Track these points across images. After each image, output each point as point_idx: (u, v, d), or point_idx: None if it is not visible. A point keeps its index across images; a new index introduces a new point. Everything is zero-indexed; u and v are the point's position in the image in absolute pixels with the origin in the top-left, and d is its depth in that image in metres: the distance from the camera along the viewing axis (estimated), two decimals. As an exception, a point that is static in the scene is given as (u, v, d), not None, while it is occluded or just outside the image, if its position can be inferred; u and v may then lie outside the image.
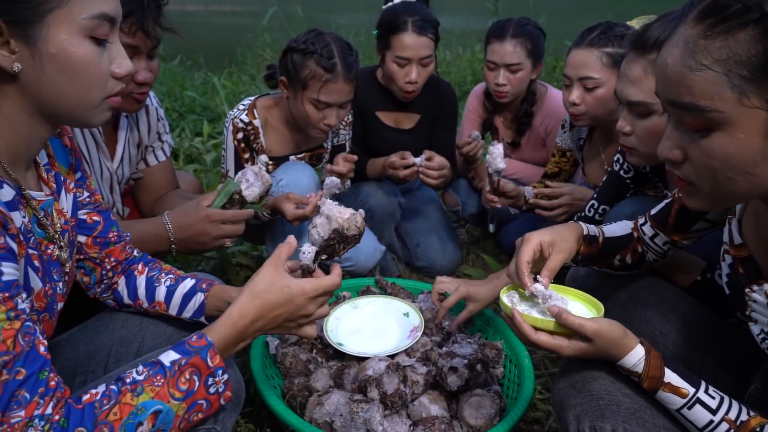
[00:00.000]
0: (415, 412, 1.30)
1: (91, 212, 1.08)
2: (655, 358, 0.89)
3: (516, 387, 1.38)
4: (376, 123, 2.22)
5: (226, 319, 0.90)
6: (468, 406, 1.28)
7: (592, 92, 1.73)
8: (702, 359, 1.12)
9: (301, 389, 1.35)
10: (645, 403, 0.90)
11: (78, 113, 0.84)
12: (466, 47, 6.05)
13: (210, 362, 0.86)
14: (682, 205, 1.12)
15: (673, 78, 0.75)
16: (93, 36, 0.81)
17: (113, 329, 1.15)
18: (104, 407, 0.78)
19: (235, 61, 5.39)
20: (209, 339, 0.87)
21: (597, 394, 0.91)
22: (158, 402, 0.81)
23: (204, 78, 4.75)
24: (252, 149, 1.86)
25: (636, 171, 1.60)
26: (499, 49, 2.14)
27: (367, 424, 1.20)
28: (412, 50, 1.98)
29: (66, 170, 1.02)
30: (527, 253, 1.04)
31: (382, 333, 1.51)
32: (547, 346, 0.92)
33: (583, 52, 1.73)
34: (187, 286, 1.13)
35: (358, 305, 1.60)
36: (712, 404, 0.86)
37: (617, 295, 1.23)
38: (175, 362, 0.84)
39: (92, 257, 1.10)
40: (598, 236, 1.17)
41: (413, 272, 2.30)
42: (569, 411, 0.93)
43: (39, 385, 0.74)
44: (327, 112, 1.75)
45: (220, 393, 0.88)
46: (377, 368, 1.30)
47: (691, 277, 1.26)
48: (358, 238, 1.04)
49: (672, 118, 0.80)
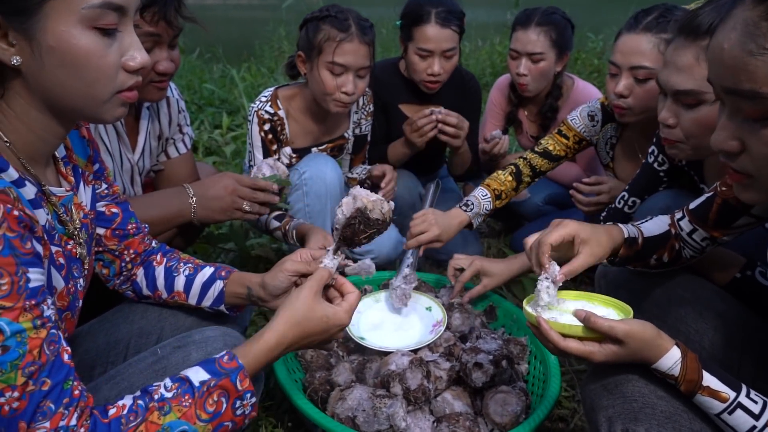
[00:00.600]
0: (439, 408, 1.27)
1: (110, 204, 1.07)
2: (692, 361, 0.84)
3: (541, 384, 1.35)
4: (399, 116, 2.18)
5: (262, 344, 0.89)
6: (493, 403, 1.25)
7: (644, 84, 1.55)
8: (740, 359, 1.08)
9: (322, 383, 1.33)
10: (681, 406, 0.86)
11: (86, 109, 0.79)
12: (486, 39, 5.98)
13: (239, 386, 0.84)
14: (725, 199, 1.07)
15: (731, 63, 0.70)
16: (98, 26, 0.75)
17: (132, 320, 1.14)
18: (130, 424, 0.77)
19: (253, 54, 5.39)
20: (240, 362, 0.85)
21: (630, 396, 0.87)
22: (184, 423, 0.79)
23: (223, 71, 4.76)
24: (279, 140, 1.85)
25: (671, 164, 1.54)
26: (523, 36, 2.08)
27: (390, 419, 1.18)
28: (435, 42, 1.94)
29: (84, 162, 1.00)
30: (556, 237, 0.99)
31: (405, 327, 1.49)
32: (577, 353, 0.88)
33: (636, 37, 1.53)
34: (206, 274, 1.12)
35: (380, 299, 1.58)
36: (755, 409, 0.81)
37: (651, 292, 1.18)
38: (204, 383, 0.82)
39: (111, 249, 1.09)
40: (637, 237, 1.11)
41: (433, 266, 2.27)
42: (600, 413, 0.89)
43: (64, 395, 0.73)
44: (344, 79, 1.71)
45: (246, 415, 0.87)
46: (400, 363, 1.28)
47: (729, 275, 1.20)
48: (381, 224, 0.99)
49: (728, 107, 0.75)
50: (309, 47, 1.73)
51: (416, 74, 2.03)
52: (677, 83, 1.19)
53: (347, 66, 1.70)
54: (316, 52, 1.71)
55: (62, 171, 0.92)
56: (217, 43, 5.21)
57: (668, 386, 0.87)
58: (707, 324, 1.10)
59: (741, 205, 1.05)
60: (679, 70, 1.18)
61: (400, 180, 2.20)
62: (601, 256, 1.04)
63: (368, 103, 2.02)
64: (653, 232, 1.13)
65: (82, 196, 0.97)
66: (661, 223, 1.16)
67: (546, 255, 0.97)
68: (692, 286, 1.16)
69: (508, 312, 1.58)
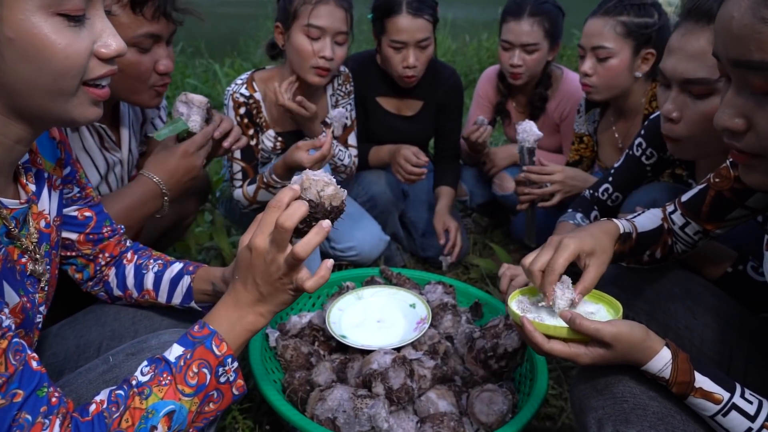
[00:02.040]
0: (423, 407, 1.23)
1: (83, 208, 1.02)
2: (683, 362, 0.81)
3: (528, 382, 1.31)
4: (377, 109, 2.14)
5: (222, 300, 0.84)
6: (479, 402, 1.21)
7: (605, 63, 1.69)
8: (731, 354, 1.05)
9: (302, 384, 1.28)
10: (674, 407, 0.82)
11: (54, 107, 0.72)
12: (473, 36, 5.95)
13: (217, 351, 0.79)
14: (718, 191, 1.03)
15: (741, 33, 0.65)
16: (62, 12, 0.68)
17: (105, 322, 1.09)
18: (114, 415, 0.72)
19: (238, 50, 5.32)
20: (212, 327, 0.81)
21: (621, 397, 0.84)
22: (169, 402, 0.75)
23: (206, 66, 4.68)
24: (256, 124, 1.80)
25: (659, 158, 1.51)
26: (515, 28, 2.03)
27: (371, 420, 1.14)
28: (408, 33, 1.88)
29: (52, 166, 0.93)
30: (561, 264, 0.91)
31: (388, 325, 1.45)
32: (562, 355, 0.84)
33: (597, 20, 1.69)
34: (174, 270, 1.07)
35: (363, 296, 1.54)
36: (750, 410, 0.78)
37: (641, 287, 1.15)
38: (180, 357, 0.78)
39: (85, 254, 1.04)
40: (632, 233, 1.06)
41: (418, 263, 2.23)
42: (590, 414, 0.86)
43: (40, 404, 0.68)
44: (321, 43, 1.67)
45: (231, 382, 0.82)
46: (382, 362, 1.24)
47: (721, 270, 1.17)
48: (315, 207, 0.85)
49: (734, 82, 0.70)
50: (285, 15, 1.70)
51: (392, 68, 1.98)
52: (687, 71, 1.12)
53: (324, 28, 1.66)
54: (292, 18, 1.67)
55: (21, 180, 0.85)
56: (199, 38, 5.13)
57: (660, 386, 0.84)
58: (697, 320, 1.07)
59: (735, 196, 1.02)
60: (690, 58, 1.11)
61: (382, 177, 2.16)
62: (608, 260, 0.98)
63: (345, 82, 1.97)
64: (646, 227, 1.09)
65: (45, 202, 0.90)
66: (654, 217, 1.11)
67: (553, 286, 0.91)
68: (682, 282, 1.13)
69: (493, 309, 1.54)
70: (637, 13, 1.65)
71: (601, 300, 0.96)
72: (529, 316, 0.89)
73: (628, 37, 1.65)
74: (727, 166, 1.04)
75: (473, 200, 2.41)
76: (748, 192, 1.01)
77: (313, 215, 0.83)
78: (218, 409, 0.82)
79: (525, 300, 0.96)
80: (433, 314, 1.47)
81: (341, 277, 1.64)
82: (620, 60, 1.67)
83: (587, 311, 0.93)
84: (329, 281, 1.63)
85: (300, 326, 1.46)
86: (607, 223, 1.03)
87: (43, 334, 1.09)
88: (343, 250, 2.00)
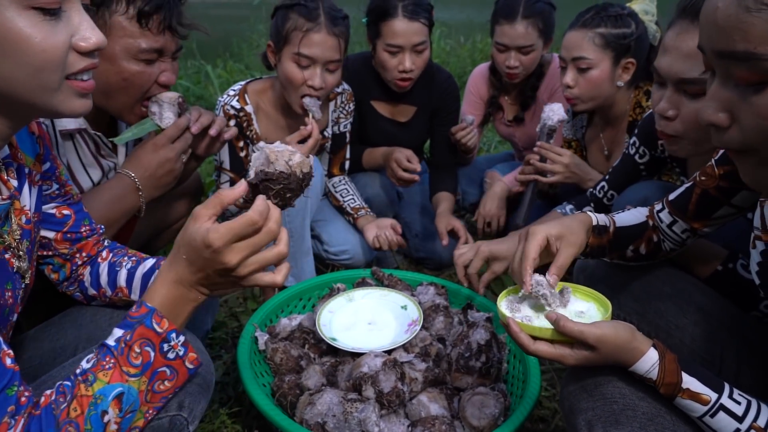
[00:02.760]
0: (414, 411, 1.21)
1: (61, 206, 1.00)
2: (670, 362, 0.80)
3: (521, 384, 1.30)
4: (371, 113, 2.12)
5: (162, 275, 0.82)
6: (470, 406, 1.19)
7: (586, 73, 1.70)
8: (722, 354, 1.04)
9: (291, 387, 1.26)
10: (664, 407, 0.82)
11: (38, 102, 0.71)
12: (468, 37, 5.95)
13: (158, 328, 0.78)
14: (704, 189, 1.03)
15: (725, 24, 0.64)
16: (36, 6, 0.67)
17: (81, 324, 1.07)
18: (62, 406, 0.72)
19: (230, 51, 5.29)
20: (149, 305, 0.79)
21: (611, 398, 0.84)
22: (116, 385, 0.75)
23: (198, 67, 4.65)
24: (246, 137, 1.77)
25: (652, 156, 1.51)
26: (510, 31, 2.01)
27: (362, 425, 1.12)
28: (404, 37, 1.85)
29: (32, 160, 0.91)
30: (533, 249, 0.95)
31: (379, 327, 1.43)
32: (548, 356, 0.85)
33: (575, 33, 1.71)
34: (147, 265, 1.05)
35: (353, 298, 1.52)
36: (738, 410, 0.77)
37: (630, 286, 1.14)
38: (119, 339, 0.77)
39: (62, 253, 1.02)
40: (608, 226, 1.07)
41: (411, 264, 2.22)
42: (580, 416, 0.85)
43: (8, 402, 0.67)
44: (311, 72, 1.63)
45: (182, 356, 0.80)
46: (373, 365, 1.22)
47: (711, 268, 1.16)
48: (287, 178, 0.83)
49: (718, 75, 0.69)
50: (277, 37, 1.66)
51: (387, 72, 1.95)
52: (682, 71, 1.10)
53: (314, 58, 1.62)
54: (284, 42, 1.64)
55: (2, 176, 0.83)
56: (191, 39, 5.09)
57: (650, 386, 0.83)
58: (687, 318, 1.07)
59: (720, 195, 1.02)
60: (685, 57, 1.09)
61: (376, 179, 2.14)
62: (581, 242, 1.01)
63: (348, 101, 1.95)
64: (627, 222, 1.09)
65: (26, 198, 0.88)
66: (638, 213, 1.12)
67: (529, 274, 0.93)
68: (672, 280, 1.12)
69: (485, 309, 1.53)
70: (615, 24, 1.66)
71: (592, 298, 0.95)
72: (517, 315, 0.90)
73: (606, 48, 1.67)
74: (712, 165, 1.03)
75: (466, 199, 2.39)
76: (733, 190, 1.01)
77: (286, 186, 0.81)
78: (175, 386, 0.81)
79: (514, 298, 0.96)
80: (425, 316, 1.45)
81: (332, 279, 1.62)
82: (601, 70, 1.69)
83: (577, 310, 0.93)
84: (320, 283, 1.61)
85: (290, 329, 1.44)
86: (581, 214, 1.05)
87: (19, 338, 1.07)
88: (337, 254, 1.98)
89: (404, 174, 1.93)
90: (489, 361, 1.28)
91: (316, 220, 1.98)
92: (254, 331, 1.39)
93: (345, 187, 2.02)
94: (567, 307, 0.94)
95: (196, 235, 0.77)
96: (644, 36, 1.70)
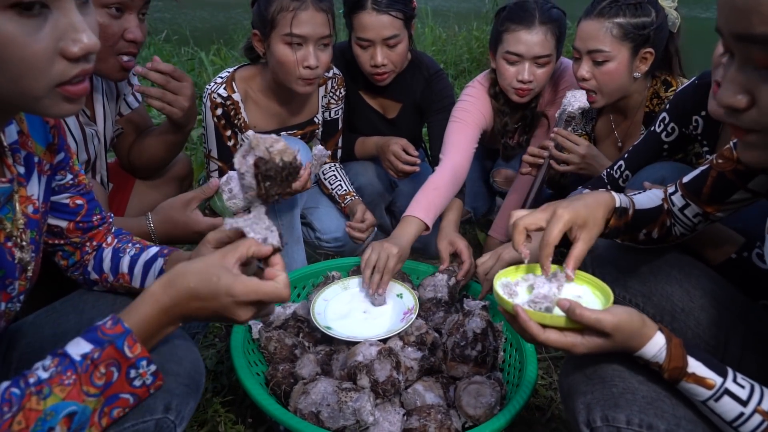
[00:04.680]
0: (409, 400, 1.20)
1: (75, 196, 0.98)
2: (676, 347, 0.79)
3: (517, 373, 1.29)
4: (360, 104, 2.07)
5: (146, 296, 0.76)
6: (466, 395, 1.18)
7: (602, 66, 1.62)
8: (726, 339, 1.03)
9: (285, 376, 1.25)
10: (664, 391, 0.82)
11: (21, 105, 0.66)
12: (463, 25, 5.90)
13: (129, 353, 0.73)
14: (720, 172, 1.01)
15: (743, 6, 0.62)
16: (14, 3, 0.59)
17: (83, 310, 1.04)
18: (5, 416, 0.65)
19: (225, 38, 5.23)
20: (126, 325, 0.74)
21: (610, 381, 0.83)
22: (71, 403, 0.69)
23: (191, 54, 4.60)
24: (234, 126, 1.74)
25: (681, 134, 1.44)
26: (527, 38, 1.72)
27: (356, 414, 1.10)
28: (373, 30, 1.77)
29: (43, 150, 0.88)
30: (555, 236, 0.91)
31: (374, 315, 1.42)
32: (558, 345, 0.82)
33: (592, 23, 1.61)
34: (150, 253, 1.03)
35: (348, 286, 1.50)
36: (743, 395, 0.77)
37: (638, 268, 1.13)
38: (86, 356, 0.70)
39: (74, 242, 1.01)
40: (628, 208, 1.04)
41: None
42: (578, 399, 0.85)
43: None
44: (304, 52, 1.59)
45: (149, 385, 0.76)
46: (368, 353, 1.20)
47: (723, 254, 1.14)
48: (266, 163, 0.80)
49: (737, 58, 0.67)
50: (263, 23, 1.61)
51: (362, 66, 1.87)
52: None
53: (306, 37, 1.58)
54: (270, 27, 1.59)
55: (6, 160, 0.79)
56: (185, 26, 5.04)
57: (650, 370, 0.83)
58: (694, 303, 1.06)
59: (737, 178, 1.00)
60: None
61: (369, 167, 2.11)
62: (599, 232, 0.98)
63: (339, 86, 1.92)
64: (645, 206, 1.07)
65: (34, 187, 0.85)
66: (654, 197, 1.09)
67: (549, 258, 0.91)
68: (681, 264, 1.11)
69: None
70: (634, 13, 1.57)
71: (584, 281, 0.94)
72: (516, 300, 0.87)
73: (625, 39, 1.58)
74: (730, 147, 1.02)
75: (477, 213, 2.34)
76: (750, 174, 0.98)
77: (265, 174, 0.78)
78: (131, 408, 0.77)
79: (510, 283, 0.93)
80: (424, 309, 1.44)
81: (327, 267, 1.61)
82: (618, 63, 1.60)
83: (573, 294, 0.91)
84: (315, 271, 1.59)
85: (284, 317, 1.42)
86: (604, 194, 1.01)
87: (18, 323, 1.05)
88: (329, 241, 1.96)
89: (405, 167, 1.87)
90: (485, 349, 1.26)
91: (307, 207, 1.96)
92: (248, 319, 1.37)
93: (333, 173, 1.99)
94: (564, 292, 0.92)
95: (221, 276, 0.75)
96: (664, 24, 1.61)
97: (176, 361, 0.83)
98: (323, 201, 2.01)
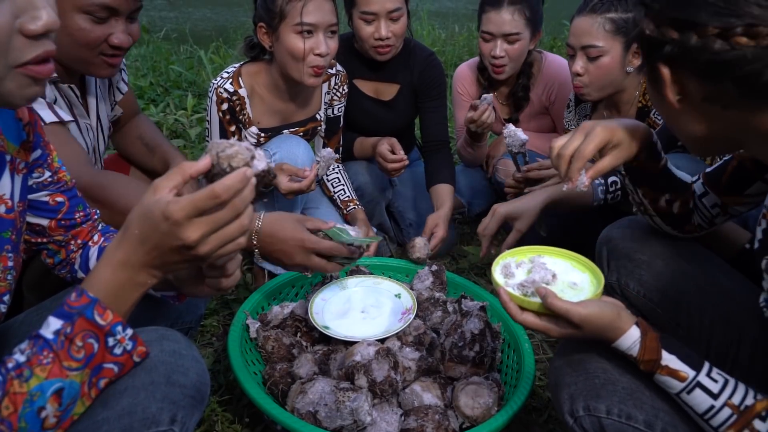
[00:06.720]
0: (407, 400, 1.20)
1: (54, 193, 0.96)
2: (651, 340, 0.84)
3: (515, 374, 1.29)
4: (355, 93, 2.07)
5: (102, 259, 0.74)
6: (464, 395, 1.18)
7: (596, 61, 1.66)
8: (740, 338, 1.04)
9: (283, 376, 1.25)
10: (643, 383, 0.86)
11: None
12: (463, 25, 5.90)
13: (101, 320, 0.71)
14: (740, 161, 1.03)
15: None
16: None
17: None
18: None
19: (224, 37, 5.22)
20: (91, 295, 0.72)
21: (593, 373, 0.88)
22: (55, 381, 0.68)
23: (190, 52, 4.59)
24: (238, 121, 1.74)
25: None
26: (496, 18, 1.97)
27: (354, 414, 1.10)
28: (378, 3, 1.82)
29: (16, 148, 0.86)
30: (590, 150, 0.96)
31: (372, 315, 1.41)
32: (534, 327, 0.89)
33: (585, 18, 1.66)
34: None
35: (347, 286, 1.50)
36: (714, 388, 0.80)
37: (654, 263, 1.14)
38: (58, 332, 0.69)
39: (57, 240, 1.00)
40: (661, 156, 1.07)
41: (405, 253, 2.19)
42: (563, 390, 0.90)
43: None
44: (314, 40, 1.62)
45: (130, 351, 0.74)
46: (366, 353, 1.20)
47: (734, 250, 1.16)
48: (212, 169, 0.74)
49: None
50: (270, 16, 1.62)
51: (364, 42, 1.91)
52: None
53: (316, 24, 1.60)
54: (280, 18, 1.61)
55: None
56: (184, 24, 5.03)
57: (632, 363, 0.87)
58: (709, 300, 1.07)
59: (756, 168, 1.01)
60: None
61: (368, 167, 2.11)
62: (628, 158, 1.01)
63: (342, 82, 1.92)
64: (676, 173, 1.11)
65: (6, 186, 0.84)
66: (685, 175, 1.13)
67: (581, 170, 0.96)
68: (698, 259, 1.12)
69: (479, 298, 1.51)
70: (626, 8, 1.61)
71: (587, 269, 0.99)
72: (511, 281, 0.95)
73: (617, 34, 1.62)
74: None
75: (472, 210, 2.35)
76: None
77: (211, 180, 0.73)
78: (119, 376, 0.76)
79: (511, 262, 0.99)
80: (422, 309, 1.44)
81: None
82: (611, 58, 1.64)
83: (571, 281, 0.96)
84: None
85: (282, 317, 1.42)
86: (642, 124, 1.04)
87: (9, 322, 1.05)
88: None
89: (392, 165, 1.89)
90: (483, 350, 1.26)
91: (307, 207, 1.96)
92: (246, 318, 1.37)
93: (337, 176, 1.99)
94: (560, 278, 0.96)
95: (154, 207, 0.69)
96: None
97: (182, 372, 0.81)
98: (324, 202, 2.01)
